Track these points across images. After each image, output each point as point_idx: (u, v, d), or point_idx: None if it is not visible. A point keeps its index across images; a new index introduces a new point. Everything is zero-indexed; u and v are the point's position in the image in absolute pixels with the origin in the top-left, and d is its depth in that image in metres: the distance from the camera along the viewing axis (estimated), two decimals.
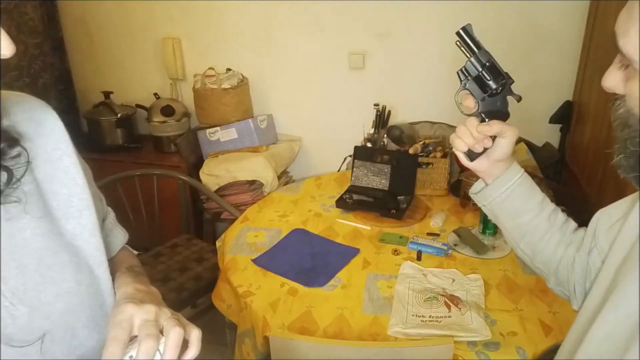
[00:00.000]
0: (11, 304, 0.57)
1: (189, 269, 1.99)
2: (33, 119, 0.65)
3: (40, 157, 0.64)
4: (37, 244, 0.60)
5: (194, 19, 2.61)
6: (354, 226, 1.71)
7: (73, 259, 0.64)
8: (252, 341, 1.32)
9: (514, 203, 0.86)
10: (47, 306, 0.60)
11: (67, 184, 0.66)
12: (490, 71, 0.80)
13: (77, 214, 0.66)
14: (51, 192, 0.64)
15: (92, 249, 0.67)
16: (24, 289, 0.58)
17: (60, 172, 0.66)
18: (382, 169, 1.89)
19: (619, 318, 0.64)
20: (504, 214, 0.88)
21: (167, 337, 0.58)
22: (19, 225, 0.59)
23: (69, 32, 2.85)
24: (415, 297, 1.31)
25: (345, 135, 2.35)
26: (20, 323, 0.58)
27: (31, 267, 0.59)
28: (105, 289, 0.68)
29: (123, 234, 0.83)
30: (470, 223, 1.70)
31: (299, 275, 1.43)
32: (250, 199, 2.34)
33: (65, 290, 0.62)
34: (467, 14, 2.23)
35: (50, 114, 0.67)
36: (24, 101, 0.66)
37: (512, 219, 0.88)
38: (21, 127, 0.62)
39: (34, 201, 0.61)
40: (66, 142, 0.67)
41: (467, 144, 0.82)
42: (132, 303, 0.62)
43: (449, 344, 1.07)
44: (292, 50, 2.54)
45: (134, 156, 2.59)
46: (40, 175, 0.63)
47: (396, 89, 2.43)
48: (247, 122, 2.45)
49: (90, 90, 2.89)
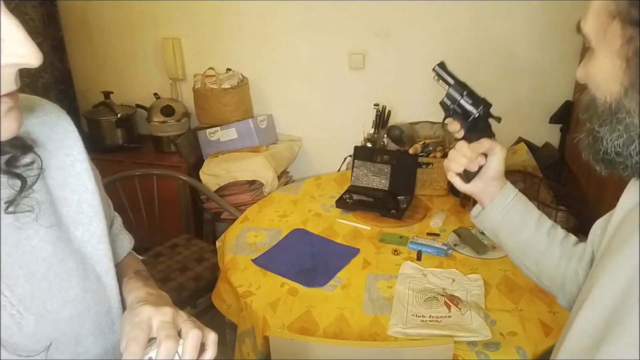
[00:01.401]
0: (18, 312, 0.56)
1: (189, 269, 1.99)
2: (45, 124, 0.64)
3: (52, 163, 0.63)
4: (45, 251, 0.60)
5: (194, 19, 2.61)
6: (354, 226, 1.71)
7: (80, 266, 0.63)
8: (252, 341, 1.32)
9: (513, 220, 0.88)
10: (54, 314, 0.59)
11: (78, 190, 0.65)
12: (470, 98, 0.88)
13: (86, 220, 0.65)
14: (62, 199, 0.63)
15: (100, 255, 0.66)
16: (31, 297, 0.58)
17: (71, 179, 0.65)
18: (382, 169, 1.89)
19: (595, 312, 0.64)
20: (503, 232, 0.89)
21: (185, 338, 0.58)
22: (28, 233, 0.58)
23: (69, 32, 2.85)
24: (415, 297, 1.31)
25: (345, 135, 2.35)
26: (27, 332, 0.57)
27: (38, 275, 0.59)
28: (111, 295, 0.67)
29: (129, 240, 0.83)
30: (470, 223, 1.69)
31: (299, 275, 1.43)
32: (250, 199, 2.34)
33: (71, 297, 0.61)
34: (468, 13, 2.23)
35: (63, 118, 0.66)
36: (37, 105, 0.65)
37: (512, 236, 0.89)
38: (34, 132, 0.61)
39: (45, 209, 0.61)
40: (79, 148, 0.66)
41: (462, 165, 0.86)
42: (148, 305, 0.61)
43: (449, 344, 1.07)
44: (292, 50, 2.54)
45: (134, 156, 2.59)
46: (51, 182, 0.63)
47: (396, 89, 2.43)
48: (247, 122, 2.45)
49: (90, 90, 2.89)
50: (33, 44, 0.44)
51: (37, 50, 0.44)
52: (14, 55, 0.43)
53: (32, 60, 0.44)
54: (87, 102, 2.89)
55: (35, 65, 0.44)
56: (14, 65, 0.44)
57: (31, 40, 0.44)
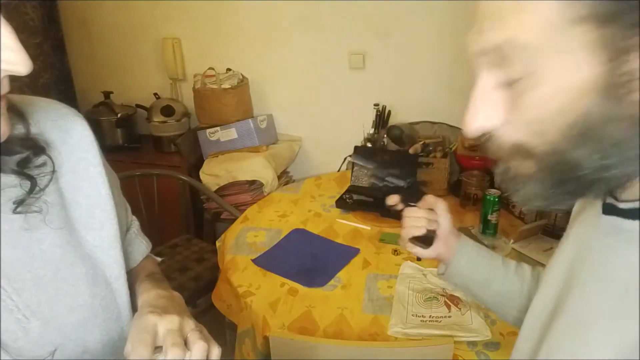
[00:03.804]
0: (24, 316, 0.56)
1: (189, 269, 1.99)
2: (61, 127, 0.63)
3: (65, 166, 0.62)
4: (54, 255, 0.59)
5: (194, 19, 2.61)
6: (354, 226, 1.71)
7: (89, 271, 0.62)
8: (252, 341, 1.32)
9: (480, 270, 0.86)
10: (60, 320, 0.59)
11: (90, 194, 0.64)
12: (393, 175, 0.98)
13: (98, 225, 0.65)
14: (74, 202, 0.63)
15: (110, 261, 0.65)
16: (38, 302, 0.57)
17: (84, 183, 0.64)
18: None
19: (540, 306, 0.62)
20: (477, 286, 0.87)
21: (192, 349, 0.57)
22: (37, 236, 0.58)
23: (69, 32, 2.85)
24: (415, 297, 1.31)
25: (345, 135, 2.35)
26: (32, 337, 0.56)
27: (46, 279, 0.58)
28: (121, 302, 0.66)
29: (146, 244, 0.82)
30: (470, 223, 1.70)
31: (299, 275, 1.43)
32: (250, 199, 2.33)
33: (79, 303, 0.61)
34: (468, 13, 2.23)
35: (78, 122, 0.66)
36: (52, 108, 0.65)
37: (486, 288, 0.86)
38: (48, 135, 0.61)
39: (56, 212, 0.60)
40: (93, 152, 0.66)
41: (423, 225, 0.85)
42: (154, 313, 0.60)
43: (449, 344, 1.07)
44: (292, 50, 2.54)
45: (134, 156, 2.59)
46: (64, 185, 0.62)
47: (396, 89, 2.43)
48: (247, 122, 2.45)
49: (90, 90, 2.89)
50: (24, 52, 0.43)
51: (27, 58, 0.43)
52: (4, 63, 0.43)
53: (21, 68, 0.43)
54: (87, 102, 2.88)
55: (24, 74, 0.44)
56: (3, 72, 0.44)
57: (22, 48, 0.43)
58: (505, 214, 1.72)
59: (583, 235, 0.58)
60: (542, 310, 0.60)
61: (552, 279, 0.60)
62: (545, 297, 0.61)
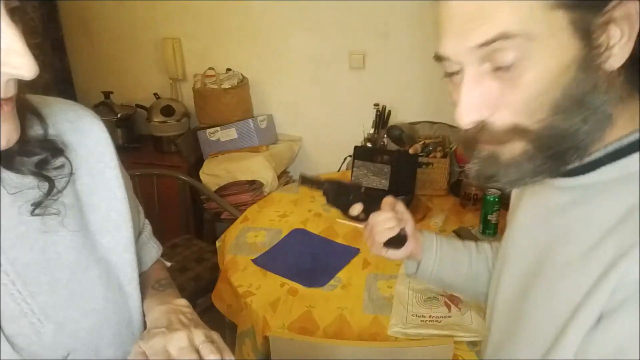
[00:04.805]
0: (38, 320, 0.55)
1: (189, 269, 1.99)
2: (79, 129, 0.63)
3: (82, 168, 0.62)
4: (69, 258, 0.59)
5: (194, 19, 2.61)
6: (354, 226, 1.70)
7: (103, 274, 0.62)
8: (252, 341, 1.32)
9: (449, 258, 0.87)
10: (74, 324, 0.58)
11: (107, 197, 0.64)
12: (346, 189, 0.99)
13: (113, 228, 0.64)
14: (90, 205, 0.62)
15: (124, 265, 0.65)
16: (53, 305, 0.57)
17: (101, 185, 0.64)
18: (382, 169, 1.89)
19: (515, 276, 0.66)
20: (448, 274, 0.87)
21: None
22: (54, 239, 0.57)
23: (69, 32, 2.85)
24: (415, 297, 1.31)
25: (345, 135, 2.35)
26: (46, 341, 0.56)
27: (61, 282, 0.58)
28: (133, 306, 0.66)
29: (157, 248, 0.82)
30: (470, 223, 1.70)
31: (299, 275, 1.43)
32: (250, 199, 2.33)
33: (92, 307, 0.60)
34: None
35: (96, 124, 0.66)
36: (70, 110, 0.64)
37: (457, 273, 0.87)
38: (66, 137, 0.61)
39: (73, 214, 0.60)
40: (110, 155, 0.66)
41: (394, 226, 0.84)
42: (159, 335, 0.61)
43: (449, 344, 1.07)
44: (292, 50, 2.54)
45: (134, 156, 2.59)
46: (81, 187, 0.62)
47: (396, 89, 2.43)
48: (247, 122, 2.45)
49: (90, 90, 2.89)
50: (30, 56, 0.43)
51: (33, 63, 0.43)
52: (9, 66, 0.43)
53: (27, 72, 0.43)
54: (87, 102, 2.88)
55: (29, 78, 0.43)
56: (7, 75, 0.43)
57: (29, 52, 0.43)
58: (505, 214, 1.72)
59: (539, 205, 0.62)
60: (516, 280, 0.64)
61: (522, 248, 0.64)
62: (515, 266, 0.65)
